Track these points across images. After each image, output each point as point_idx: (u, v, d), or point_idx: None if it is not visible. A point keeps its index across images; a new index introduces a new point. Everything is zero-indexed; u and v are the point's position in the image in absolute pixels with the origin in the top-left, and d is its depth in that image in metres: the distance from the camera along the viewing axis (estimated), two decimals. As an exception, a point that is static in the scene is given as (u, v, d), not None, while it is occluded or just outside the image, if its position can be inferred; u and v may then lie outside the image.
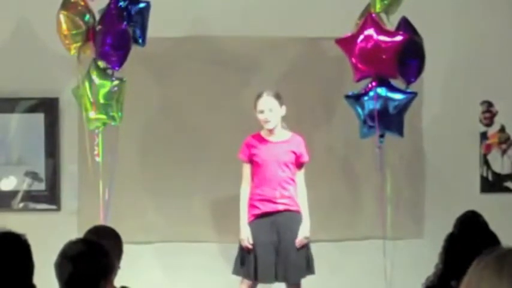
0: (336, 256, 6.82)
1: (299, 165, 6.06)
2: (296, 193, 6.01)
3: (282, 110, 6.00)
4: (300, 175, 6.06)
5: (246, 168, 6.04)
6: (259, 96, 5.99)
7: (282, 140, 6.05)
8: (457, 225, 4.97)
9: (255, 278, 5.93)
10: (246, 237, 5.94)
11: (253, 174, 6.02)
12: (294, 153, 6.02)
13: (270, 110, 5.96)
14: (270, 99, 5.97)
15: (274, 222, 5.93)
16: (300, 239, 5.95)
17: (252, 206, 5.99)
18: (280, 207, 5.95)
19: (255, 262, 5.92)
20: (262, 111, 5.97)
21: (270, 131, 6.02)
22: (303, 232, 5.97)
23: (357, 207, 6.88)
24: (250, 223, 5.98)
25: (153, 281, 6.65)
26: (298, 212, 6.00)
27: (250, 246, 5.94)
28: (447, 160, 6.98)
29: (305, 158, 6.08)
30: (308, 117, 6.85)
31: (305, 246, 5.98)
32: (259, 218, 5.96)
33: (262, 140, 6.03)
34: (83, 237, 3.50)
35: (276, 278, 5.96)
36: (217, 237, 6.77)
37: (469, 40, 6.96)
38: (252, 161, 6.01)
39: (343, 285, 6.79)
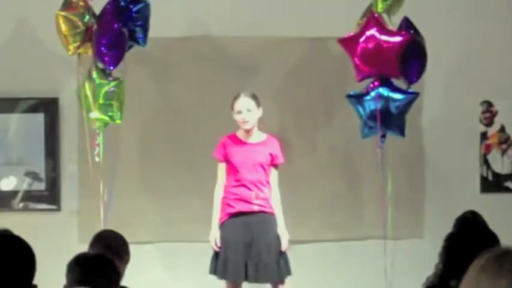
0: (336, 256, 6.82)
1: (274, 166, 6.08)
2: (270, 195, 6.02)
3: (259, 111, 6.03)
4: (274, 176, 6.08)
5: (221, 168, 6.06)
6: (236, 97, 6.01)
7: (258, 141, 6.07)
8: (457, 225, 4.97)
9: (223, 276, 5.94)
10: (214, 238, 5.97)
11: (229, 174, 6.03)
12: (270, 154, 6.04)
13: (248, 110, 5.98)
14: (247, 100, 5.99)
15: (248, 223, 5.94)
16: (284, 243, 5.96)
17: (227, 204, 6.00)
18: (255, 208, 5.96)
19: (225, 261, 5.93)
20: (240, 112, 5.99)
21: (247, 132, 6.04)
22: (285, 235, 5.98)
23: (357, 207, 6.88)
24: (224, 222, 6.00)
25: (153, 280, 6.66)
26: (272, 214, 6.01)
27: (217, 249, 5.96)
28: (447, 160, 6.98)
29: (280, 160, 6.10)
30: (309, 117, 6.85)
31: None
32: (233, 217, 5.98)
33: (238, 141, 6.05)
34: (88, 256, 3.53)
35: (246, 278, 5.94)
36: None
37: (469, 40, 6.96)
38: (227, 161, 6.03)
39: (343, 285, 6.79)
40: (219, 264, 5.96)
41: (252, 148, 6.03)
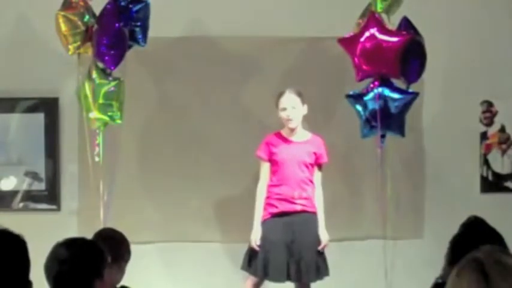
0: (336, 256, 6.81)
1: (318, 166, 6.07)
2: (313, 194, 6.02)
3: (304, 109, 6.01)
4: (318, 176, 6.08)
5: (265, 167, 6.02)
6: (281, 94, 5.99)
7: (303, 140, 6.05)
8: (462, 228, 4.95)
9: (265, 276, 5.93)
10: (255, 238, 5.93)
11: (272, 173, 6.00)
12: (315, 153, 6.02)
13: (293, 108, 5.96)
14: (292, 97, 5.97)
15: (290, 222, 5.92)
16: (324, 244, 5.99)
17: (269, 204, 5.98)
18: (298, 208, 5.95)
19: (265, 260, 5.91)
20: (285, 109, 5.97)
21: (292, 130, 6.02)
22: (325, 235, 6.00)
23: (357, 207, 6.88)
24: (266, 221, 5.98)
25: (153, 280, 6.65)
26: (314, 213, 6.01)
27: (257, 248, 5.93)
28: (447, 160, 6.98)
29: (324, 159, 6.10)
30: (309, 117, 6.83)
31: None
32: (275, 217, 5.96)
33: (283, 139, 6.03)
34: (71, 238, 3.48)
35: (289, 278, 5.95)
36: (218, 237, 6.77)
37: (469, 40, 6.96)
38: (271, 159, 6.00)
39: (343, 285, 6.78)
40: (258, 263, 5.92)
41: (297, 146, 6.00)
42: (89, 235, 4.61)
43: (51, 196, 6.80)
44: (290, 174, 5.95)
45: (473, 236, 3.74)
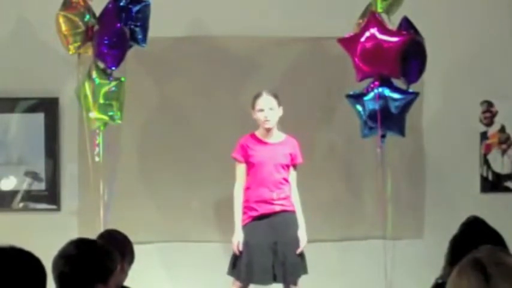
0: (336, 256, 6.82)
1: (293, 166, 6.08)
2: (290, 193, 6.02)
3: (280, 110, 6.02)
4: (294, 176, 6.08)
5: (241, 169, 6.03)
6: (258, 95, 6.00)
7: (278, 141, 6.06)
8: (462, 228, 4.95)
9: (249, 280, 5.93)
10: (237, 241, 5.94)
11: (248, 175, 6.01)
12: (291, 154, 6.03)
13: (271, 109, 5.97)
14: (269, 98, 5.98)
15: (271, 224, 5.93)
16: (303, 244, 5.96)
17: (248, 207, 5.98)
18: (277, 208, 5.95)
19: (248, 265, 5.90)
20: (262, 110, 5.97)
21: (267, 131, 6.02)
22: (303, 236, 5.98)
23: (357, 207, 6.88)
24: (247, 225, 5.98)
25: (153, 280, 6.65)
26: (294, 212, 6.01)
27: (237, 253, 5.93)
28: (447, 160, 6.99)
29: (299, 160, 6.10)
30: (308, 117, 6.85)
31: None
32: (256, 220, 5.96)
33: (259, 140, 6.03)
34: (84, 238, 3.48)
35: (275, 279, 5.94)
36: (217, 237, 6.77)
37: (469, 40, 6.96)
38: (247, 161, 6.00)
39: (343, 285, 6.79)
40: (241, 268, 5.93)
41: (273, 148, 6.01)
42: (89, 235, 4.60)
43: (51, 196, 6.80)
44: (267, 175, 5.96)
45: (473, 236, 3.74)
